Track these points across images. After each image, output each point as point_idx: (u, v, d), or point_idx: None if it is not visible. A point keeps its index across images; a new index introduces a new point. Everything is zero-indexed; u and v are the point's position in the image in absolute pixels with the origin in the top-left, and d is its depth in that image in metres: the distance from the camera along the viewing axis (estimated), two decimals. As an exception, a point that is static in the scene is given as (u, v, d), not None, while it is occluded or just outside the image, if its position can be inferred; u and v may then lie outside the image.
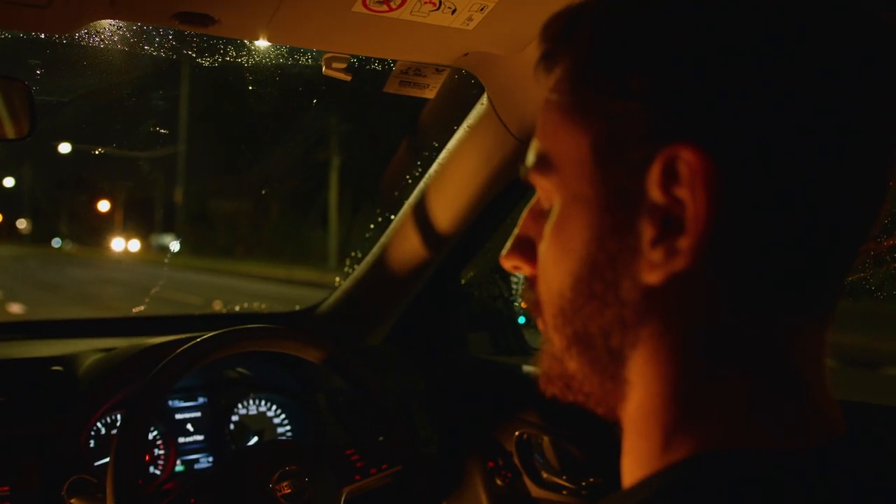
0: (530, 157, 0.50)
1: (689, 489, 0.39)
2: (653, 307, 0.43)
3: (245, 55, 1.37)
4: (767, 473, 0.39)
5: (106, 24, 1.12)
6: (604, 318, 0.44)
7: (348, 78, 1.19)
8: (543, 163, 0.48)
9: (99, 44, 1.21)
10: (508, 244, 0.53)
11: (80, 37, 1.19)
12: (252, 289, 13.51)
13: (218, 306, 10.41)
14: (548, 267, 0.48)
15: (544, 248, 0.48)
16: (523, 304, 1.70)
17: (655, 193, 0.41)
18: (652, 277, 0.42)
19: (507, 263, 0.53)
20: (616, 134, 0.43)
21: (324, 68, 1.18)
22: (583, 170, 0.44)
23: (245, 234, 20.38)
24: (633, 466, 0.45)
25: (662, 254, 0.41)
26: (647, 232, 0.42)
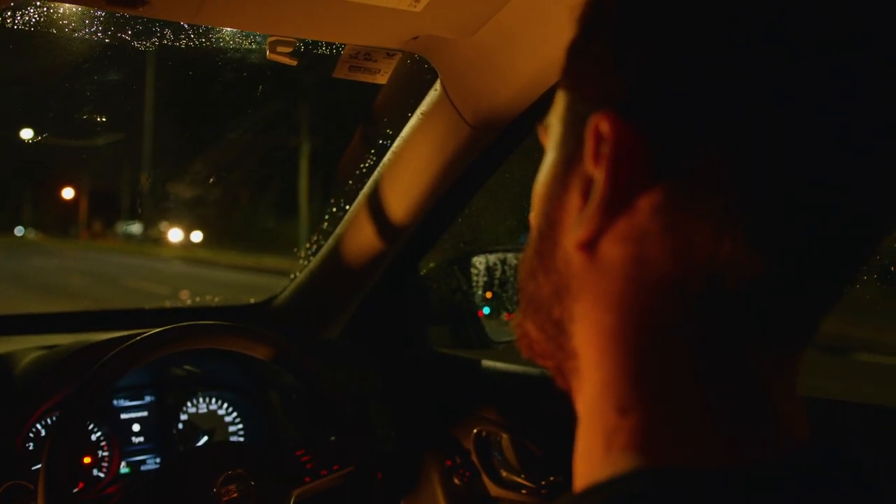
0: None
1: None
2: (580, 283, 0.42)
3: (211, 40, 1.32)
4: (711, 494, 0.36)
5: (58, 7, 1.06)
6: (548, 285, 0.44)
7: (294, 63, 1.14)
8: (546, 123, 0.48)
9: (43, 26, 1.15)
10: None
11: (22, 18, 1.13)
12: (221, 278, 13.35)
13: (185, 296, 10.28)
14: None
15: None
16: (488, 294, 1.67)
17: (587, 161, 0.40)
18: (568, 245, 0.41)
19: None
20: (577, 100, 0.42)
21: (268, 52, 1.13)
22: (555, 135, 0.45)
23: (214, 221, 20.15)
24: (581, 461, 0.43)
25: (575, 221, 0.41)
26: (575, 199, 0.41)
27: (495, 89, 1.09)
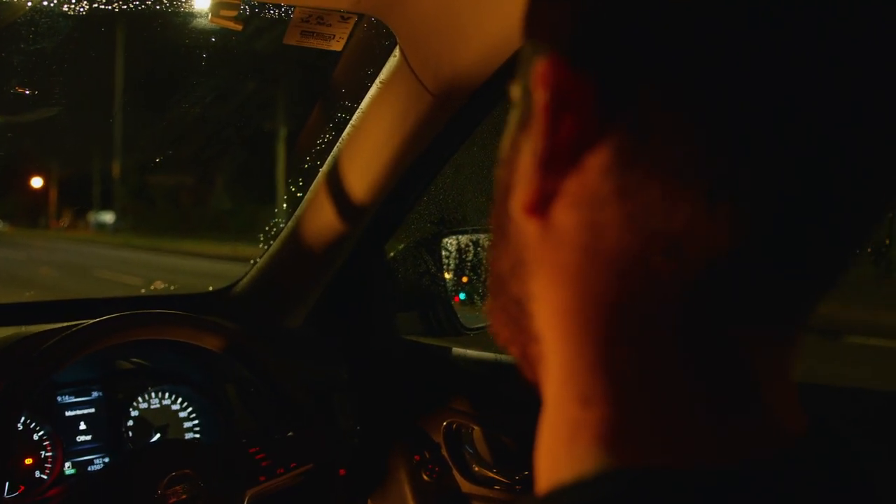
0: None
1: None
2: (535, 256, 0.37)
3: (183, 21, 1.26)
4: (690, 498, 0.31)
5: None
6: (506, 259, 0.40)
7: (239, 27, 1.06)
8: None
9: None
10: None
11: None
12: (194, 266, 13.18)
13: (159, 286, 10.13)
14: None
15: None
16: (464, 279, 1.60)
17: (535, 114, 0.34)
18: (514, 209, 0.37)
19: None
20: (531, 48, 0.37)
21: (210, 15, 1.04)
22: (516, 92, 0.39)
23: (189, 209, 19.93)
24: (543, 459, 0.38)
25: (523, 181, 0.36)
26: (525, 163, 0.36)
27: (458, 52, 1.00)
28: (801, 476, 0.34)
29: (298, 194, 1.49)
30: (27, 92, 1.50)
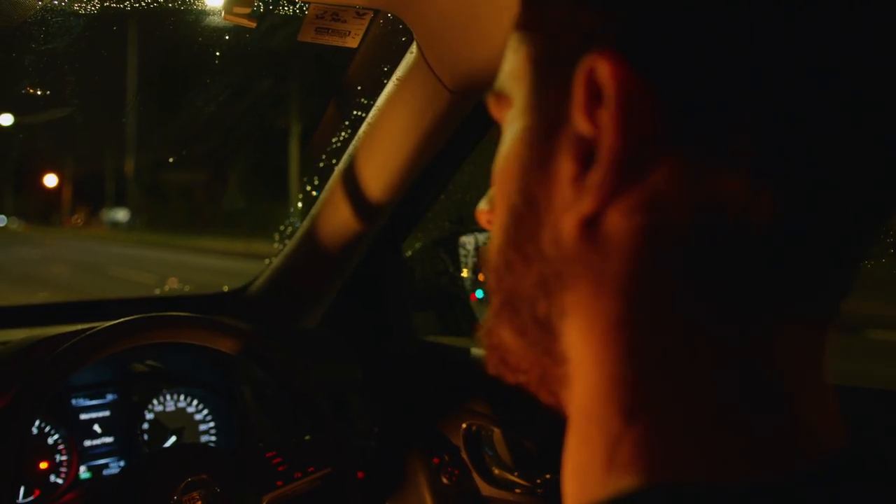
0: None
1: None
2: (575, 268, 0.35)
3: (197, 18, 1.25)
4: None
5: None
6: (529, 278, 0.38)
7: (253, 25, 1.04)
8: (496, 90, 0.42)
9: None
10: (487, 194, 0.46)
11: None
12: (208, 264, 13.22)
13: (172, 284, 10.16)
14: (494, 216, 0.42)
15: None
16: (481, 276, 1.58)
17: (578, 118, 0.33)
18: (564, 223, 0.35)
19: (481, 217, 0.47)
20: (551, 47, 0.36)
21: (223, 13, 1.02)
22: (522, 95, 0.38)
23: (202, 206, 19.99)
24: (574, 480, 0.37)
25: (575, 193, 0.34)
26: (567, 167, 0.34)
27: (476, 48, 0.98)
28: (835, 491, 0.33)
29: (314, 193, 1.47)
30: (39, 92, 1.49)
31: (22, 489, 1.19)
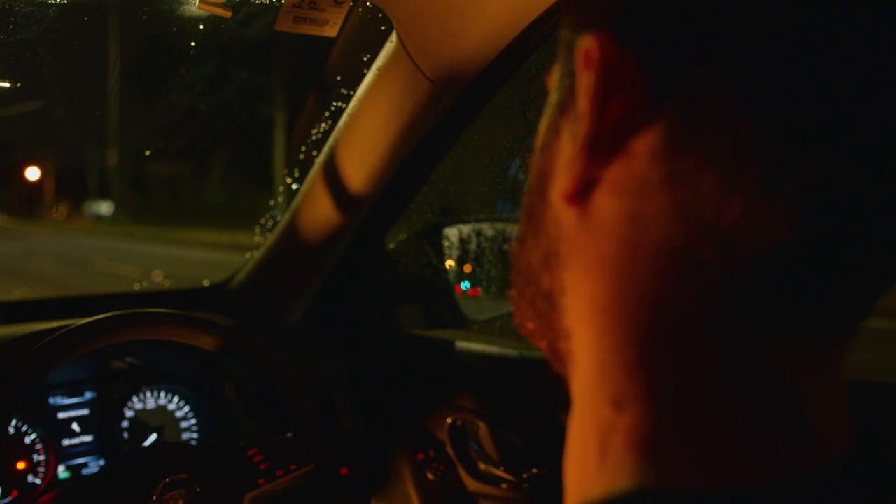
0: None
1: None
2: (569, 248, 0.35)
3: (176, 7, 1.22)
4: None
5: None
6: (537, 250, 0.38)
7: (228, 14, 1.01)
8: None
9: None
10: None
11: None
12: (193, 256, 13.14)
13: (157, 277, 10.08)
14: None
15: None
16: (467, 267, 1.56)
17: (580, 96, 0.33)
18: (555, 197, 0.35)
19: None
20: (574, 26, 0.35)
21: (198, 2, 0.99)
22: (556, 73, 0.38)
23: (187, 198, 19.85)
24: (573, 469, 0.37)
25: (565, 167, 0.34)
26: (565, 147, 0.35)
27: (458, 37, 0.96)
28: (839, 497, 0.31)
29: (294, 186, 1.44)
30: (8, 85, 1.45)
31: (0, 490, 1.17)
